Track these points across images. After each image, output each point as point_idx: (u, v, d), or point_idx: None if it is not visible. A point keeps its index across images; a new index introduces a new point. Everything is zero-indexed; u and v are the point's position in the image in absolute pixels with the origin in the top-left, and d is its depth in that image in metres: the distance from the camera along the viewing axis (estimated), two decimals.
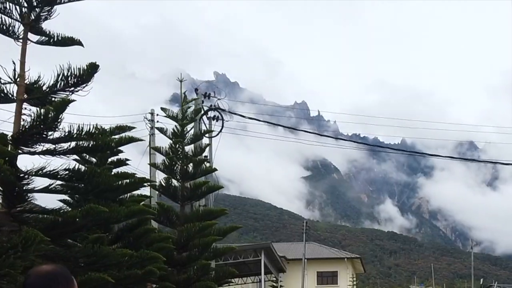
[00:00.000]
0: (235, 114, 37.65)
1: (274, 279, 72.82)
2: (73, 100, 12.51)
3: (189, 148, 21.52)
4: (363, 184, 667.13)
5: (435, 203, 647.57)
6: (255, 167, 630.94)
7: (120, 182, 13.90)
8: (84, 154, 16.69)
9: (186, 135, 21.16)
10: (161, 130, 21.15)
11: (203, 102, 34.93)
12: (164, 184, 20.48)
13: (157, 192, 21.88)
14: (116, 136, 14.27)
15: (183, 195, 20.59)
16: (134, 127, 14.47)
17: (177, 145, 20.82)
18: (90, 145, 13.18)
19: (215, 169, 21.66)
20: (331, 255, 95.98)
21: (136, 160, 20.77)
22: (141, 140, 14.21)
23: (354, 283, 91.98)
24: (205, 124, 35.66)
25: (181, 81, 21.63)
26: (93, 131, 13.03)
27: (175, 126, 21.07)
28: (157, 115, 33.00)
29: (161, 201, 20.43)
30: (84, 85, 12.76)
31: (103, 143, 13.22)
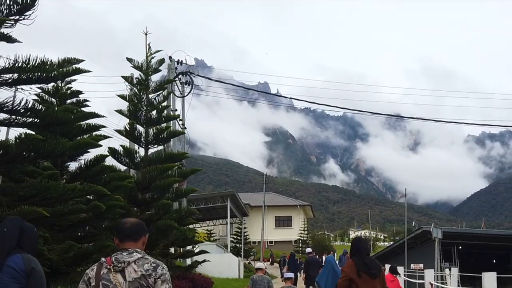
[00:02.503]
0: (203, 77, 35.54)
1: (239, 222, 71.67)
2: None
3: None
4: (312, 147, 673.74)
5: (370, 163, 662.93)
6: (226, 134, 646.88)
7: (69, 116, 10.85)
8: (43, 95, 13.71)
9: (151, 84, 18.17)
10: (126, 78, 18.03)
11: (176, 68, 33.54)
12: (128, 129, 17.39)
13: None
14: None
15: (147, 140, 17.57)
16: (83, 60, 11.50)
17: (141, 92, 17.79)
18: (34, 76, 10.12)
19: (178, 116, 18.89)
20: (286, 203, 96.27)
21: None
22: (82, 60, 11.10)
23: (305, 226, 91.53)
24: (178, 88, 33.97)
25: (146, 34, 18.54)
26: (38, 63, 10.02)
27: (140, 75, 18.17)
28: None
29: (125, 145, 17.41)
30: (29, 11, 9.54)
31: (48, 73, 10.13)
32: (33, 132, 10.70)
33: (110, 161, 17.20)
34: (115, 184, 13.58)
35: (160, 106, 18.06)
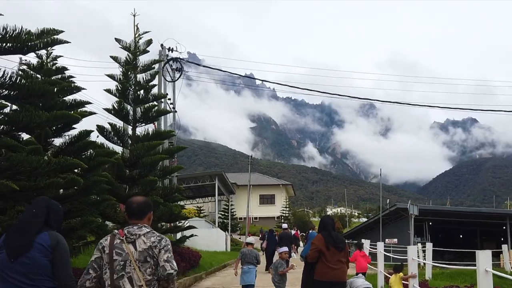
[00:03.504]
0: (192, 63, 34.46)
1: (227, 199, 71.93)
2: None
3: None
4: (293, 132, 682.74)
5: (345, 146, 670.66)
6: (215, 120, 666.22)
7: (48, 88, 9.60)
8: (28, 70, 12.40)
9: (139, 64, 16.85)
10: (114, 58, 16.70)
11: (167, 56, 32.72)
12: (116, 108, 16.07)
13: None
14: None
15: (135, 118, 16.27)
16: (62, 31, 10.24)
17: (129, 72, 16.45)
18: (12, 46, 8.87)
19: (166, 95, 17.59)
20: (270, 182, 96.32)
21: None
22: (61, 31, 9.84)
23: (287, 203, 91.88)
24: (169, 74, 33.06)
25: (134, 16, 17.21)
26: (15, 33, 8.79)
27: (127, 55, 16.86)
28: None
29: (113, 122, 16.10)
30: None
31: (25, 43, 8.88)
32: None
33: (100, 139, 16.07)
34: (99, 160, 12.29)
35: (147, 85, 16.73)
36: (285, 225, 30.44)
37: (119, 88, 16.34)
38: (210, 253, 33.01)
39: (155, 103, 16.93)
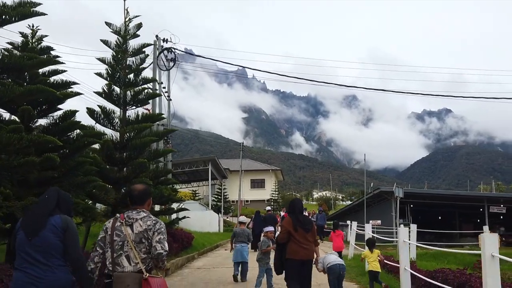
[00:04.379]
0: (186, 52, 33.36)
1: (220, 183, 70.92)
2: None
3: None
4: (281, 122, 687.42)
5: (330, 135, 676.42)
6: (210, 111, 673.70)
7: (23, 61, 8.46)
8: (11, 49, 11.12)
9: (129, 48, 15.59)
10: (105, 42, 15.44)
11: (162, 46, 31.93)
12: (106, 91, 14.82)
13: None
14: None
15: (125, 101, 15.03)
16: (40, 3, 9.11)
17: (119, 55, 15.20)
18: None
19: (155, 80, 16.34)
20: (260, 167, 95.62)
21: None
22: (39, 4, 8.70)
23: (276, 187, 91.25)
24: (164, 63, 32.28)
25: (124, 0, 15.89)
26: None
27: (117, 38, 15.59)
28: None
29: (103, 105, 14.83)
30: None
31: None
32: None
33: (90, 121, 14.87)
34: (85, 141, 11.10)
35: (138, 69, 15.48)
36: (268, 208, 31.76)
37: (109, 72, 15.12)
38: (203, 234, 32.18)
39: (145, 86, 15.63)
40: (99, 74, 15.35)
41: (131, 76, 15.47)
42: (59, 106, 11.28)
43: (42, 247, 5.16)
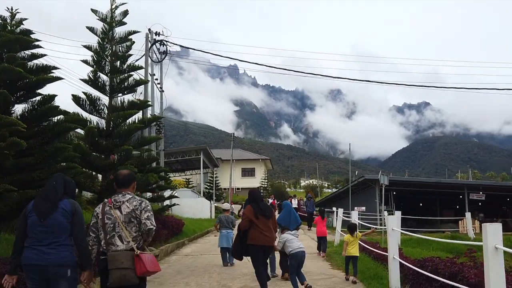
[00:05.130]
0: (177, 45, 32.30)
1: (212, 172, 69.68)
2: None
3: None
4: (271, 115, 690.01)
5: (316, 127, 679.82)
6: (203, 104, 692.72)
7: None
8: None
9: (115, 36, 14.50)
10: (91, 29, 14.34)
11: (155, 39, 31.09)
12: (92, 77, 13.72)
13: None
14: None
15: (112, 88, 13.94)
16: None
17: (104, 42, 14.11)
18: None
19: (142, 67, 15.21)
20: (251, 157, 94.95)
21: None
22: None
23: (266, 176, 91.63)
24: (156, 55, 31.75)
25: None
26: None
27: (103, 25, 14.50)
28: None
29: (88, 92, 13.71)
30: None
31: None
32: None
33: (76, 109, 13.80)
34: (64, 126, 10.08)
35: (124, 56, 14.38)
36: None
37: (95, 59, 14.03)
38: (194, 221, 31.38)
39: (132, 73, 14.51)
40: (85, 62, 14.30)
41: (118, 63, 14.42)
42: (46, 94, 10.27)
43: (52, 228, 5.37)
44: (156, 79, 32.09)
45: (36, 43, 10.48)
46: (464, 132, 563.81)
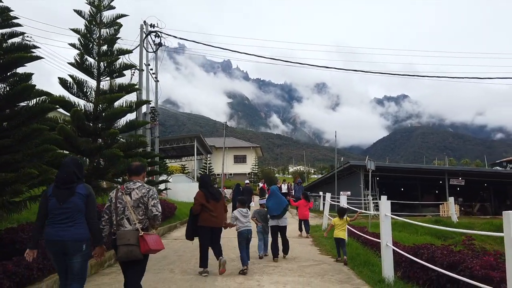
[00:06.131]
0: (171, 35, 31.14)
1: (205, 158, 69.31)
2: None
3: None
4: (261, 106, 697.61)
5: (303, 117, 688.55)
6: (199, 96, 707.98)
7: None
8: None
9: (103, 19, 13.20)
10: (79, 12, 13.05)
11: (150, 31, 30.36)
12: (78, 60, 12.42)
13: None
14: None
15: (99, 72, 12.64)
16: None
17: (91, 25, 12.82)
18: None
19: (131, 51, 13.92)
20: (242, 145, 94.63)
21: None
22: None
23: (256, 162, 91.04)
24: (151, 46, 30.99)
25: None
26: None
27: (91, 8, 13.21)
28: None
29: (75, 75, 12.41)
30: None
31: None
32: None
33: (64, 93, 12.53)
34: (42, 106, 8.82)
35: (112, 39, 13.06)
36: (247, 181, 31.08)
37: (82, 42, 12.72)
38: (188, 204, 30.18)
39: (119, 56, 13.18)
40: (73, 45, 12.99)
41: (105, 47, 13.12)
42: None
43: (70, 210, 5.63)
44: (151, 69, 31.29)
45: (15, 21, 9.23)
46: (440, 123, 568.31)
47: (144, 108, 30.06)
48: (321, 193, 38.62)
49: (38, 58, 9.47)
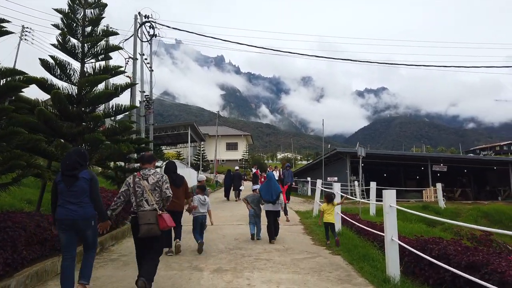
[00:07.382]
0: (164, 25, 29.56)
1: (199, 146, 68.87)
2: None
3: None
4: (252, 98, 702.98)
5: (290, 108, 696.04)
6: (194, 88, 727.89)
7: None
8: None
9: None
10: None
11: (144, 21, 29.30)
12: (60, 41, 10.81)
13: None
14: None
15: (83, 53, 11.03)
16: None
17: (75, 4, 11.20)
18: None
19: (117, 33, 12.36)
20: (234, 133, 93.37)
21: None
22: None
23: (247, 149, 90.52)
24: (145, 36, 29.83)
25: None
26: None
27: None
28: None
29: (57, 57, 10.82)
30: None
31: None
32: None
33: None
34: (10, 84, 7.28)
35: (97, 18, 11.46)
36: (237, 167, 31.81)
37: (65, 22, 11.14)
38: None
39: (104, 38, 11.58)
40: (56, 26, 11.41)
41: (89, 28, 11.54)
42: None
43: (77, 192, 5.95)
44: (146, 59, 30.04)
45: None
46: (416, 113, 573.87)
47: (138, 96, 28.79)
48: (309, 178, 37.43)
49: (9, 32, 7.92)
